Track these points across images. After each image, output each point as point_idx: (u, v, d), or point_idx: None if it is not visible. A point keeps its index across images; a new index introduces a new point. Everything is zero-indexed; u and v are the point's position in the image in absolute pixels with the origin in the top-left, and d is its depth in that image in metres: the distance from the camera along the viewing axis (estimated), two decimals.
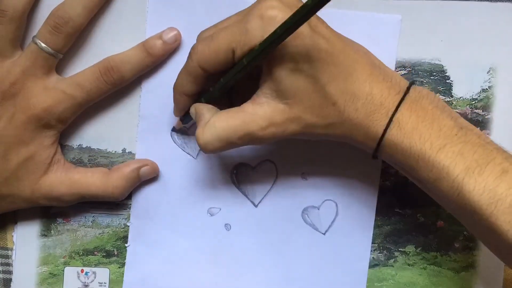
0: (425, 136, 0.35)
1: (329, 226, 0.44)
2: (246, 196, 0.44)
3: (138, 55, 0.40)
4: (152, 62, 0.41)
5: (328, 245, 0.44)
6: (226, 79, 0.37)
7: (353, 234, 0.44)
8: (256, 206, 0.44)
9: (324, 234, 0.44)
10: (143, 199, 0.43)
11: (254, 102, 0.37)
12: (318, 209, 0.44)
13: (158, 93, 0.42)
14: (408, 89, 0.36)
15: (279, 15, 0.34)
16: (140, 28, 0.41)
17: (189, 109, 0.40)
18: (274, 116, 0.36)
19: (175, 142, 0.43)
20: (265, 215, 0.44)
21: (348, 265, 0.44)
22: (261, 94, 0.36)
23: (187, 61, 0.38)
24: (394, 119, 0.35)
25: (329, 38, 0.35)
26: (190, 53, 0.37)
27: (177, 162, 0.43)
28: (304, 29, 0.34)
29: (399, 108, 0.35)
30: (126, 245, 0.44)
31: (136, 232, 0.44)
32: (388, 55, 0.42)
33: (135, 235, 0.44)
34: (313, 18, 0.33)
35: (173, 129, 0.43)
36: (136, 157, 0.43)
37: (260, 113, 0.36)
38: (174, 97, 0.40)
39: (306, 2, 0.31)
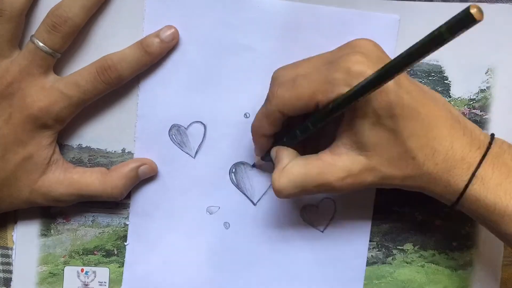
0: (511, 192, 0.35)
1: (328, 224, 0.44)
2: (245, 194, 0.44)
3: (136, 53, 0.40)
4: (150, 61, 0.41)
5: (327, 243, 0.44)
6: (313, 123, 0.37)
7: (351, 232, 0.44)
8: (255, 204, 0.44)
9: (322, 232, 0.44)
10: (142, 198, 0.44)
11: (333, 152, 0.37)
12: (317, 207, 0.44)
13: (156, 92, 0.42)
14: (489, 143, 0.36)
15: (367, 71, 0.34)
16: (138, 26, 0.41)
17: (269, 149, 0.41)
18: (352, 167, 0.36)
19: (173, 141, 0.43)
20: (264, 213, 0.44)
21: (346, 263, 0.44)
22: (340, 144, 0.37)
23: (265, 104, 0.38)
24: (476, 174, 0.35)
25: (412, 91, 0.35)
26: (269, 97, 0.38)
27: (175, 161, 0.43)
28: (389, 83, 0.33)
29: (481, 164, 0.35)
30: (125, 243, 0.44)
31: (135, 231, 0.44)
32: None
33: (134, 234, 0.44)
34: None
35: (254, 165, 0.43)
36: (135, 156, 0.43)
37: (339, 164, 0.36)
38: (254, 139, 0.41)
39: (395, 58, 0.30)
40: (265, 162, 0.43)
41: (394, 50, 0.42)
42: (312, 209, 0.44)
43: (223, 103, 0.42)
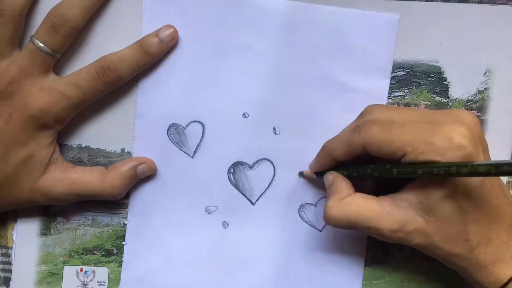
0: None
1: (326, 223, 0.44)
2: (244, 194, 0.44)
3: (135, 54, 0.40)
4: (149, 61, 0.41)
5: (325, 242, 0.44)
6: (376, 172, 0.37)
7: (350, 231, 0.44)
8: (253, 204, 0.44)
9: (320, 231, 0.44)
10: (141, 197, 0.44)
11: (395, 202, 0.37)
12: (315, 206, 0.44)
13: (155, 92, 0.42)
14: None
15: (468, 146, 0.34)
16: (137, 26, 0.41)
17: (323, 170, 0.41)
18: (407, 224, 0.36)
19: (171, 141, 0.43)
20: (262, 213, 0.44)
21: (344, 262, 0.45)
22: (405, 198, 0.37)
23: (351, 132, 0.38)
24: None
25: (492, 179, 0.36)
26: (359, 128, 0.37)
27: (174, 160, 0.43)
28: None
29: None
30: (123, 243, 0.44)
31: (134, 230, 0.44)
32: (386, 54, 0.42)
33: (133, 233, 0.44)
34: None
35: (300, 173, 0.44)
36: (133, 155, 0.43)
37: (397, 216, 0.36)
38: (320, 156, 0.41)
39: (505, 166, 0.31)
40: (313, 177, 0.43)
41: (394, 49, 0.42)
42: (311, 208, 0.44)
43: (221, 103, 0.43)
